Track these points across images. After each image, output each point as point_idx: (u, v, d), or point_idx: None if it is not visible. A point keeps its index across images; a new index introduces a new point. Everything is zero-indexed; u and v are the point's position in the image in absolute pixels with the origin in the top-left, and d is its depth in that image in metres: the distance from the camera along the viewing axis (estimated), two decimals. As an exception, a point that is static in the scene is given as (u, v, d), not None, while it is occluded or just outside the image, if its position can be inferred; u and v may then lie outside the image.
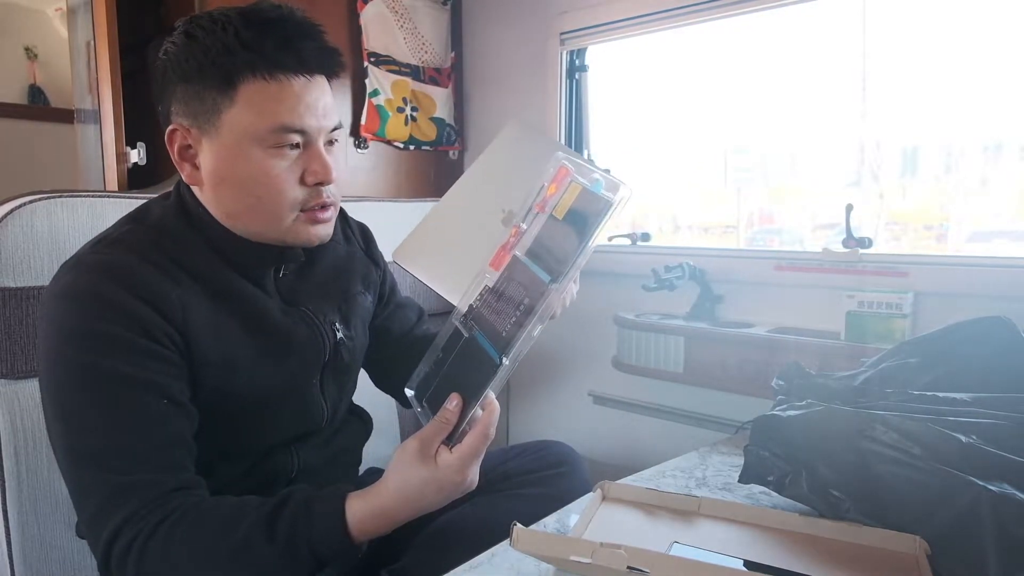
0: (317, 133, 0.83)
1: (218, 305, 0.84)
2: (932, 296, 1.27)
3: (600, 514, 0.82)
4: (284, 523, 0.74)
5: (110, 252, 0.80)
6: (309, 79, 0.82)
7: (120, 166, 1.48)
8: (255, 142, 0.80)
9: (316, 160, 0.83)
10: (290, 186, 0.83)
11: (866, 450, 0.78)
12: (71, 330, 0.76)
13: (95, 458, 0.75)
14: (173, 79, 0.82)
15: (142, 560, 0.72)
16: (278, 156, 0.81)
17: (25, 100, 2.66)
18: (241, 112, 0.79)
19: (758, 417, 0.90)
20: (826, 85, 1.65)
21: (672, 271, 1.52)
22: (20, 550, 1.03)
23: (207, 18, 0.81)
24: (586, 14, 1.68)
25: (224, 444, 0.88)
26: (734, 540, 0.78)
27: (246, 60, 0.78)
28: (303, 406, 0.95)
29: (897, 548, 0.74)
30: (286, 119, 0.80)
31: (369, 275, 1.09)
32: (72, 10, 1.79)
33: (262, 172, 0.81)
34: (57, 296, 0.78)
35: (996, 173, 1.61)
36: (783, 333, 1.40)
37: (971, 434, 0.75)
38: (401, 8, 1.78)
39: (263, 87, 0.79)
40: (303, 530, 0.74)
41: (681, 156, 1.95)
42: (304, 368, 0.93)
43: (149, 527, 0.72)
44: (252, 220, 0.85)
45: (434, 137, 1.90)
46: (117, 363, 0.75)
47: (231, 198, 0.84)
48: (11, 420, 1.03)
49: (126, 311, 0.76)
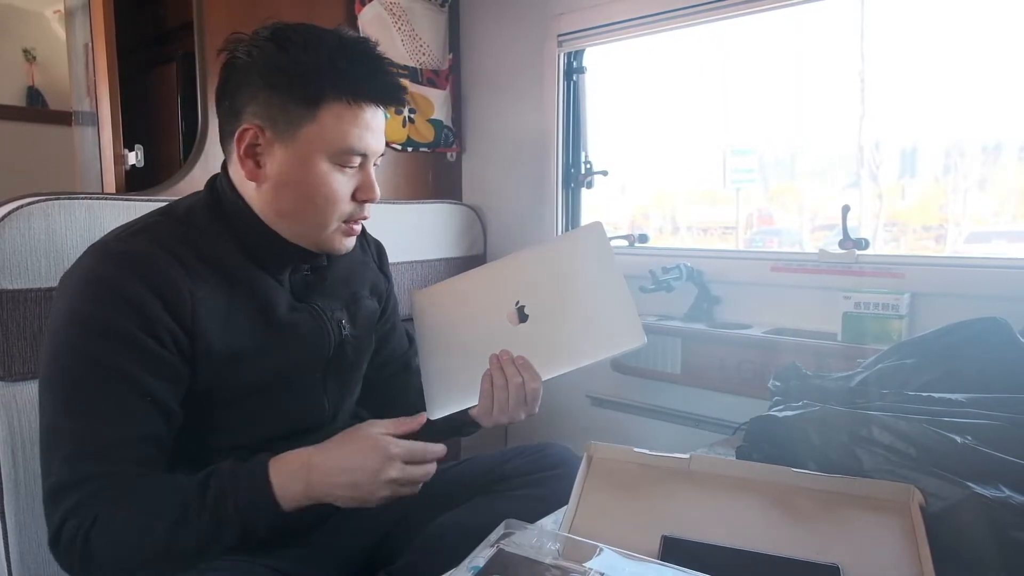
0: (373, 156, 0.92)
1: (233, 296, 0.89)
2: (928, 297, 1.27)
3: (587, 497, 0.82)
4: (211, 491, 0.79)
5: (132, 241, 0.85)
6: (378, 109, 0.90)
7: (118, 168, 1.48)
8: (325, 156, 0.88)
9: (367, 180, 0.92)
10: (343, 200, 0.91)
11: (862, 451, 0.78)
12: (80, 313, 0.80)
13: (68, 438, 0.79)
14: (257, 83, 0.86)
15: (87, 542, 0.76)
16: (340, 172, 0.89)
17: (23, 102, 2.66)
18: (319, 128, 0.86)
19: (754, 418, 0.90)
20: (825, 86, 1.65)
21: (669, 272, 1.52)
22: (17, 552, 1.03)
23: (300, 32, 0.87)
24: (584, 16, 1.69)
25: (225, 434, 0.90)
26: (726, 511, 0.77)
27: (334, 84, 0.85)
28: (304, 400, 0.97)
29: (891, 496, 0.75)
30: (356, 143, 0.88)
31: (378, 285, 1.15)
32: (70, 12, 1.79)
33: (325, 184, 0.89)
34: (75, 278, 0.83)
35: (995, 174, 1.61)
36: (780, 334, 1.40)
37: (967, 435, 0.76)
38: (399, 10, 1.79)
39: (344, 110, 0.86)
40: (230, 493, 0.79)
41: (680, 157, 1.95)
42: (307, 360, 0.96)
43: (93, 514, 0.76)
44: (299, 222, 0.91)
45: (432, 139, 1.90)
46: (113, 355, 0.79)
47: (289, 200, 0.90)
48: (8, 422, 1.03)
49: (135, 304, 0.80)
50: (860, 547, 0.70)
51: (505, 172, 1.92)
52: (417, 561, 0.94)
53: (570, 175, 1.83)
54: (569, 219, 1.84)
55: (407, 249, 1.71)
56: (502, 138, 1.92)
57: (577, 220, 1.84)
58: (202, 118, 1.51)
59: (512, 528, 0.70)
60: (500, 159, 1.93)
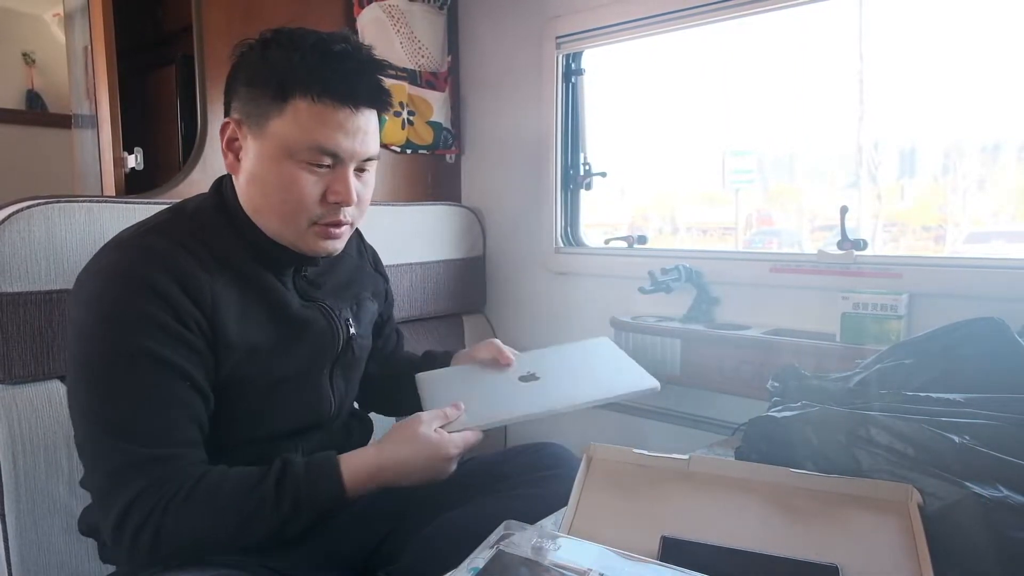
0: (349, 158, 0.90)
1: (245, 293, 0.91)
2: (927, 297, 1.28)
3: (587, 497, 0.82)
4: (288, 493, 0.84)
5: (149, 237, 0.87)
6: (354, 111, 0.89)
7: (117, 171, 1.48)
8: (291, 153, 0.87)
9: (341, 182, 0.90)
10: (311, 200, 0.90)
11: (860, 451, 0.78)
12: (111, 305, 0.82)
13: (117, 427, 0.81)
14: (241, 79, 0.90)
15: (158, 531, 0.79)
16: (307, 171, 0.88)
17: (23, 105, 2.66)
18: (286, 124, 0.87)
19: (753, 419, 0.90)
20: (824, 87, 1.66)
21: (668, 273, 1.52)
22: (18, 553, 1.03)
23: (287, 36, 0.89)
24: (582, 18, 1.69)
25: (233, 431, 0.92)
26: (725, 511, 0.77)
27: (302, 81, 0.86)
28: (313, 395, 1.00)
29: (889, 496, 0.75)
30: (324, 142, 0.87)
31: (377, 287, 1.17)
32: (69, 15, 1.79)
33: (290, 181, 0.88)
34: (98, 274, 0.85)
35: (994, 174, 1.61)
36: (779, 335, 1.40)
37: (965, 435, 0.76)
38: (397, 12, 1.79)
39: (310, 107, 0.86)
40: (306, 498, 0.84)
41: (679, 158, 1.95)
42: (318, 357, 0.99)
43: (164, 501, 0.80)
44: (271, 219, 0.92)
45: (431, 141, 1.90)
46: (150, 342, 0.81)
47: (259, 195, 0.91)
48: (9, 425, 1.03)
49: (163, 293, 0.82)
50: (859, 547, 0.70)
51: (504, 174, 1.92)
52: (417, 561, 0.94)
53: (569, 176, 1.83)
54: (568, 220, 1.84)
55: (406, 251, 1.71)
56: (501, 140, 1.92)
57: (576, 221, 1.84)
58: (201, 121, 1.51)
59: (512, 529, 0.70)
60: (499, 161, 1.93)
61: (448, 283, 1.83)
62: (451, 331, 1.84)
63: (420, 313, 1.75)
